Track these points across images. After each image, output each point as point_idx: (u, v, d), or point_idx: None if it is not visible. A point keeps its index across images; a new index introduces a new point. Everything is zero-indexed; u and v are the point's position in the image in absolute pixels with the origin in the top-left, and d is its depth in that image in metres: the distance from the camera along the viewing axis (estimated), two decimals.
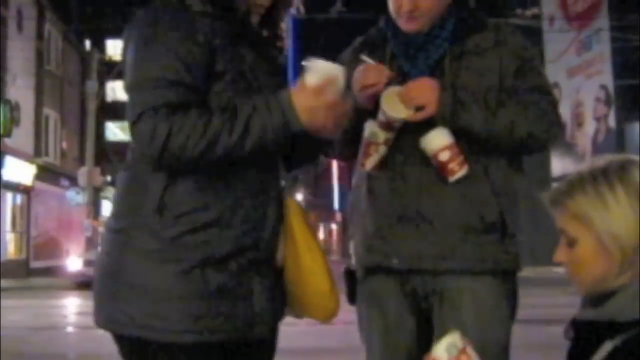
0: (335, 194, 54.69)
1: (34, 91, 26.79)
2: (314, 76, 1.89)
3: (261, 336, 1.99)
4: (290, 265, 2.02)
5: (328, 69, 1.91)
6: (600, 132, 23.93)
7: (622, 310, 1.52)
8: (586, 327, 1.58)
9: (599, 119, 23.98)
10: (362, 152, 2.32)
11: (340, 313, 2.07)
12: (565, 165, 23.05)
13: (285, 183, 2.07)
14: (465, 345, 1.69)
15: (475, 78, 2.31)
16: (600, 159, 1.62)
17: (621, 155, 1.62)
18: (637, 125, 22.44)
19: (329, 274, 2.04)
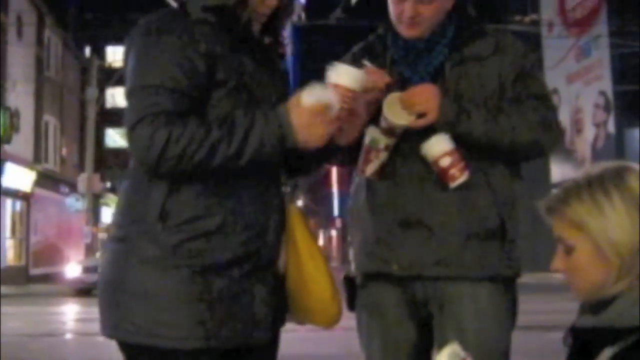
0: (335, 200, 54.62)
1: (34, 98, 26.78)
2: (310, 97, 1.91)
3: (262, 342, 2.00)
4: (292, 272, 2.03)
5: (323, 94, 1.93)
6: (600, 138, 23.95)
7: (621, 317, 1.52)
8: (585, 334, 1.58)
9: (598, 125, 23.99)
10: (363, 159, 2.32)
11: None
12: (564, 171, 23.06)
13: (287, 190, 2.08)
14: (466, 357, 1.69)
15: (476, 84, 2.32)
16: (596, 167, 1.62)
17: (617, 162, 1.62)
18: (636, 131, 22.47)
19: (331, 281, 2.05)
